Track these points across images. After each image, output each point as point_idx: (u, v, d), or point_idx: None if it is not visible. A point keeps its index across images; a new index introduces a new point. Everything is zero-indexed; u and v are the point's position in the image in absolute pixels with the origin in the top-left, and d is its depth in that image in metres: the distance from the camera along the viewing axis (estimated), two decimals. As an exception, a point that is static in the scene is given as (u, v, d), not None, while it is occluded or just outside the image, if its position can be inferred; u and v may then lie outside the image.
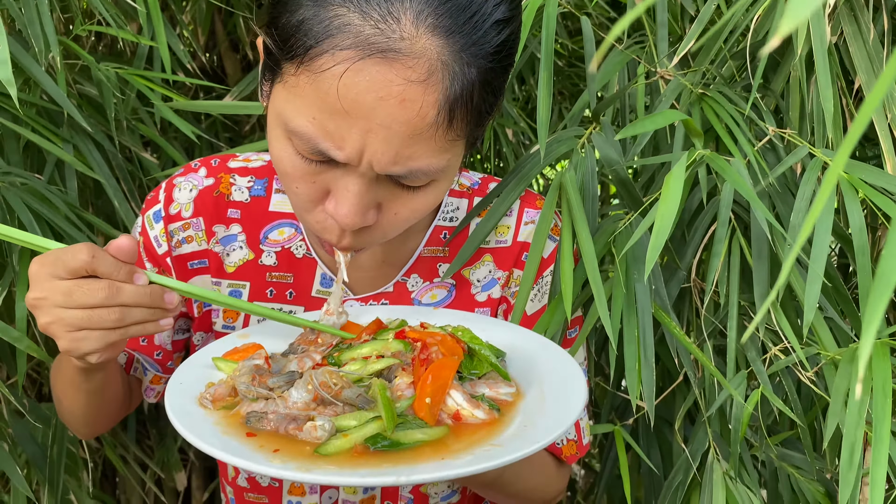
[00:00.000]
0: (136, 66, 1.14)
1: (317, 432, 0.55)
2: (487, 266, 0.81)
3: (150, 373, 0.85)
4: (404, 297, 0.80)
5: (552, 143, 0.83)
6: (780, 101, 0.93)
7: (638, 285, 0.77)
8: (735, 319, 0.82)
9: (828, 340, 0.82)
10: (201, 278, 0.81)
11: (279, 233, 0.80)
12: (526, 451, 0.52)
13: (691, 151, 0.72)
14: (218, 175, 0.81)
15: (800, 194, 0.76)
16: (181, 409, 0.59)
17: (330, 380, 0.59)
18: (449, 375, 0.60)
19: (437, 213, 0.82)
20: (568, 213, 0.77)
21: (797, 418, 0.82)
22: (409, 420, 0.57)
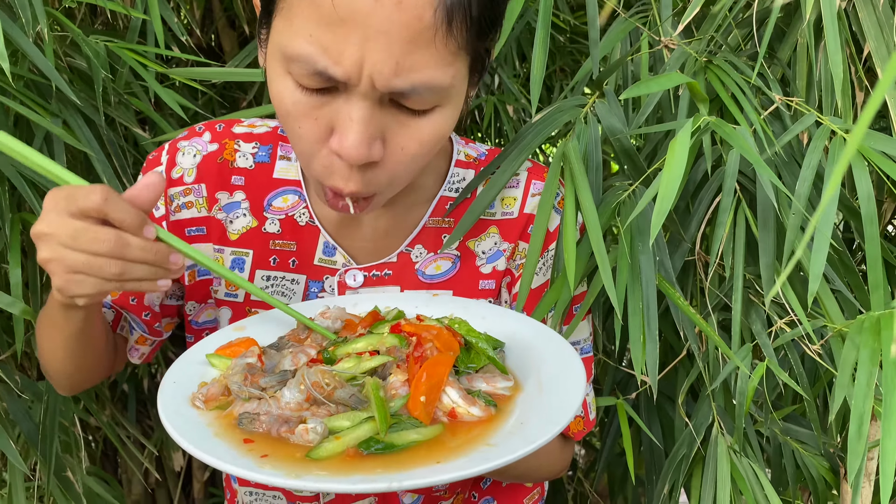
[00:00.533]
0: (129, 40, 1.12)
1: (308, 435, 0.55)
2: (493, 238, 0.80)
3: (136, 332, 0.84)
4: (408, 267, 0.79)
5: (554, 113, 0.81)
6: (786, 70, 0.91)
7: (642, 256, 0.75)
8: (740, 292, 0.80)
9: (834, 313, 0.80)
10: (197, 247, 0.80)
11: (283, 200, 0.80)
12: (521, 451, 0.52)
13: (696, 117, 0.71)
14: (222, 141, 0.80)
15: (806, 163, 0.74)
16: (174, 411, 0.58)
17: (322, 379, 0.59)
18: (444, 372, 0.59)
19: (443, 184, 0.81)
20: (571, 184, 0.75)
21: (803, 392, 0.80)
22: (403, 420, 0.56)
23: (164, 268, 0.63)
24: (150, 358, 0.87)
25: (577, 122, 0.80)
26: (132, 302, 0.82)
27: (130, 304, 0.82)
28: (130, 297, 0.82)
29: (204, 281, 0.81)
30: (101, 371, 0.82)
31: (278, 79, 0.62)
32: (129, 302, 0.82)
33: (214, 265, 0.66)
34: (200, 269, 0.81)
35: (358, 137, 0.60)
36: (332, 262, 0.79)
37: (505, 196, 0.81)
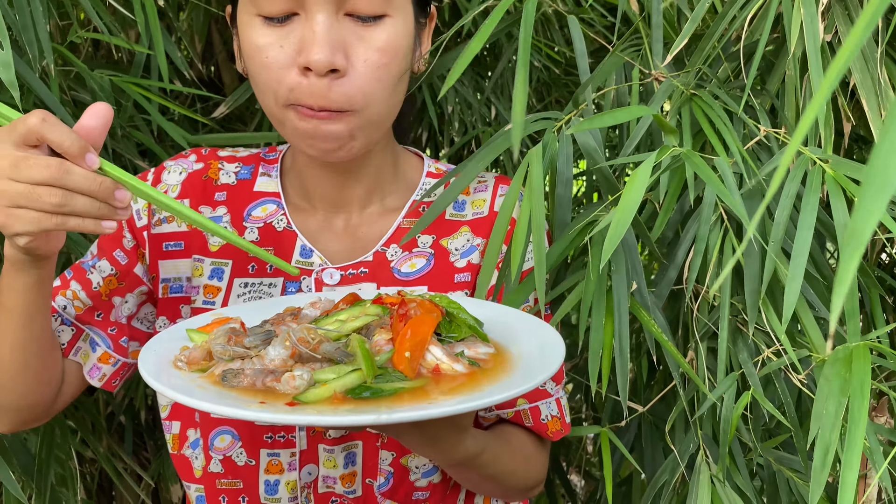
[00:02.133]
0: (134, 74, 1.15)
1: (295, 381, 0.55)
2: (465, 236, 0.84)
3: (100, 349, 0.81)
4: (384, 266, 0.82)
5: (526, 124, 0.83)
6: (775, 101, 0.93)
7: (615, 276, 0.76)
8: (727, 320, 0.81)
9: (819, 342, 0.80)
10: (173, 262, 0.82)
11: (262, 209, 0.84)
12: (508, 393, 0.52)
13: (664, 148, 0.72)
14: (208, 161, 0.85)
15: (784, 191, 0.75)
16: (155, 370, 0.57)
17: (308, 335, 0.59)
18: (428, 331, 0.60)
19: (416, 191, 0.86)
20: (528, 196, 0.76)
21: (787, 422, 0.80)
22: (389, 372, 0.57)
23: (109, 204, 0.60)
24: (111, 382, 0.83)
25: (548, 132, 0.82)
26: (97, 317, 0.82)
27: (95, 319, 0.81)
28: (96, 313, 0.81)
29: (176, 298, 0.82)
30: (43, 394, 0.77)
31: (246, 27, 0.72)
32: (93, 318, 0.81)
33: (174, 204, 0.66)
34: (173, 285, 0.82)
35: (321, 44, 0.68)
36: (308, 264, 0.81)
37: (475, 199, 0.86)
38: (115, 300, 0.82)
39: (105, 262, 0.82)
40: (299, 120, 0.72)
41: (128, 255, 0.82)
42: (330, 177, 0.82)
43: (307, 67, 0.69)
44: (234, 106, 1.20)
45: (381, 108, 0.74)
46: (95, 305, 0.82)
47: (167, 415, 0.84)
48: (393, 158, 0.86)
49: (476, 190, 0.87)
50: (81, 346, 0.81)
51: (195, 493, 0.83)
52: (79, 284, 0.81)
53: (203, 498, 0.82)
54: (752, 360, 0.83)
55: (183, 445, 0.83)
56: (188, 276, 0.82)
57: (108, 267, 0.82)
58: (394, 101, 0.76)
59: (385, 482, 0.80)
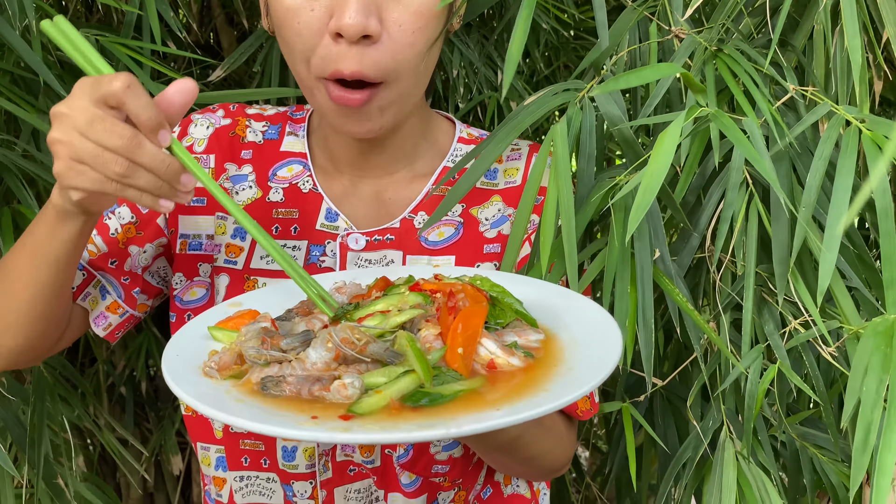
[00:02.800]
0: (125, 35, 1.09)
1: (347, 391, 0.50)
2: (496, 205, 0.81)
3: (110, 298, 0.80)
4: (410, 233, 0.79)
5: (547, 96, 0.78)
6: (801, 58, 0.87)
7: (637, 244, 0.72)
8: (752, 290, 0.77)
9: (851, 312, 0.76)
10: (194, 218, 0.80)
11: (288, 170, 0.81)
12: (577, 393, 0.48)
13: (692, 108, 0.67)
14: (235, 118, 0.83)
15: (818, 153, 0.70)
16: (186, 381, 0.52)
17: (352, 335, 0.54)
18: (479, 323, 0.56)
19: (447, 156, 0.83)
20: (555, 167, 0.71)
21: (818, 397, 0.76)
22: (442, 372, 0.53)
23: (171, 185, 0.59)
24: (114, 333, 0.81)
25: (571, 105, 0.77)
26: (111, 265, 0.79)
27: (109, 266, 0.79)
28: (110, 260, 0.79)
29: (195, 255, 0.80)
30: (49, 337, 0.76)
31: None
32: (107, 264, 0.79)
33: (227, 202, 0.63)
34: (192, 242, 0.80)
35: (355, 7, 0.64)
36: (333, 228, 0.79)
37: (508, 168, 0.83)
38: (132, 249, 0.80)
39: (125, 209, 0.80)
40: (329, 100, 0.70)
41: None
42: (356, 144, 0.79)
43: (339, 34, 0.65)
44: (232, 69, 1.15)
45: (413, 77, 0.71)
46: (111, 252, 0.79)
47: None
48: (423, 123, 0.83)
49: (509, 158, 0.83)
50: (91, 291, 0.80)
51: (214, 455, 0.81)
52: (95, 229, 0.78)
53: (224, 459, 0.80)
54: (779, 331, 0.79)
55: None
56: (209, 233, 0.80)
57: (129, 214, 0.80)
58: (426, 68, 0.73)
59: (405, 454, 0.78)
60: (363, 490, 0.78)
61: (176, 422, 1.41)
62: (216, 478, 0.81)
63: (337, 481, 0.78)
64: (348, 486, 0.78)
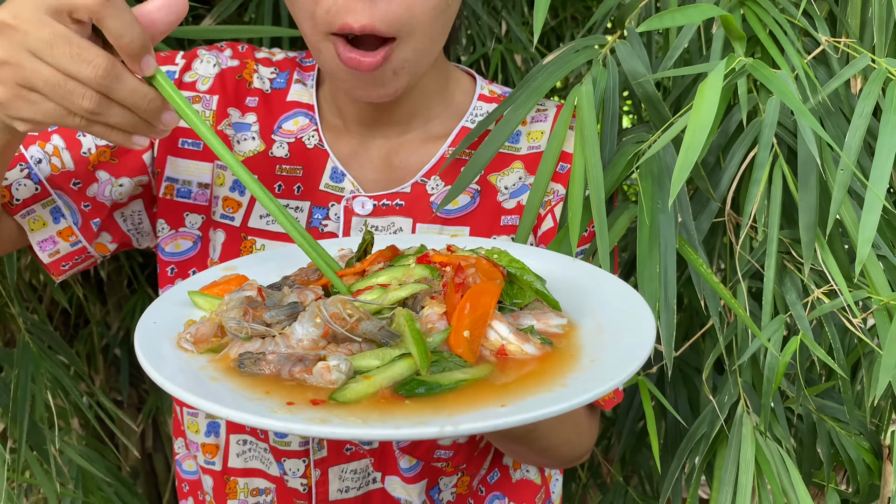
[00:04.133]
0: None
1: (331, 374, 0.44)
2: (517, 172, 0.74)
3: (64, 222, 0.70)
4: (422, 199, 0.72)
5: (568, 53, 0.72)
6: (834, 7, 0.81)
7: (662, 216, 0.67)
8: (774, 258, 0.72)
9: (881, 283, 0.72)
10: (185, 163, 0.73)
11: (294, 122, 0.75)
12: (599, 389, 0.42)
13: (731, 57, 0.61)
14: (244, 60, 0.77)
15: (858, 110, 0.65)
16: (156, 354, 0.47)
17: (343, 310, 0.48)
18: (490, 303, 0.49)
19: (465, 116, 0.76)
20: (581, 136, 0.66)
21: (841, 370, 0.72)
22: (444, 358, 0.47)
23: (149, 122, 0.51)
24: (60, 266, 0.72)
25: (595, 64, 0.71)
26: (73, 185, 0.70)
27: (70, 187, 0.70)
28: (73, 180, 0.70)
29: (182, 203, 0.74)
30: None
31: None
32: (68, 185, 0.70)
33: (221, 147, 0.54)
34: (181, 188, 0.74)
35: None
36: (339, 189, 0.73)
37: (531, 130, 0.75)
38: (100, 175, 0.71)
39: None
40: (337, 60, 0.62)
41: None
42: (366, 103, 0.72)
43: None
44: (223, 17, 1.08)
45: (429, 32, 0.63)
46: (77, 172, 0.70)
47: None
48: (441, 79, 0.75)
49: (533, 120, 0.76)
50: (37, 210, 0.69)
51: (205, 420, 0.76)
52: (63, 142, 0.70)
53: (218, 423, 0.75)
54: (801, 301, 0.74)
55: None
56: (203, 181, 0.74)
57: None
58: (445, 20, 0.65)
59: None
60: (360, 471, 0.75)
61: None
62: (206, 444, 0.77)
63: (332, 461, 0.74)
64: (344, 466, 0.74)
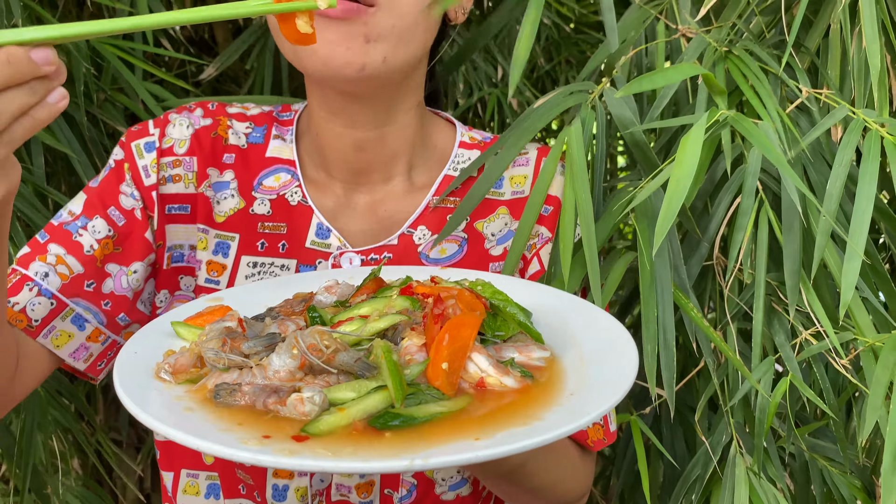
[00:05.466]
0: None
1: (304, 406, 0.45)
2: (503, 219, 0.76)
3: (90, 326, 0.70)
4: (410, 250, 0.73)
5: (558, 98, 0.75)
6: (815, 59, 0.85)
7: (657, 260, 0.69)
8: (762, 300, 0.74)
9: (865, 324, 0.74)
10: (176, 227, 0.73)
11: (275, 178, 0.75)
12: (575, 424, 0.42)
13: (713, 111, 0.65)
14: (216, 117, 0.76)
15: (837, 159, 0.68)
16: (134, 384, 0.48)
17: (321, 341, 0.48)
18: (470, 335, 0.50)
19: (447, 163, 0.77)
20: (571, 178, 0.69)
21: (830, 411, 0.74)
22: (421, 390, 0.47)
23: (37, 75, 0.45)
24: (96, 366, 0.72)
25: (584, 107, 0.74)
26: (88, 287, 0.69)
27: (85, 290, 0.69)
28: (86, 282, 0.69)
29: (177, 268, 0.74)
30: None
31: None
32: (82, 288, 0.69)
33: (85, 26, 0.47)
34: (175, 253, 0.74)
35: None
36: (325, 246, 0.73)
37: (514, 175, 0.77)
38: (111, 268, 0.71)
39: (100, 222, 0.70)
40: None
41: (127, 215, 0.72)
42: (351, 136, 0.73)
43: None
44: (224, 67, 1.12)
45: (410, 15, 0.62)
46: (87, 273, 0.69)
47: None
48: (421, 122, 0.76)
49: (516, 164, 0.77)
50: (58, 325, 0.68)
51: (205, 482, 0.74)
52: (62, 248, 0.69)
53: (218, 486, 0.74)
54: (789, 342, 0.77)
55: None
56: (192, 243, 0.74)
57: (104, 227, 0.70)
58: (424, 22, 0.64)
59: (407, 494, 0.72)
60: None
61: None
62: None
63: None
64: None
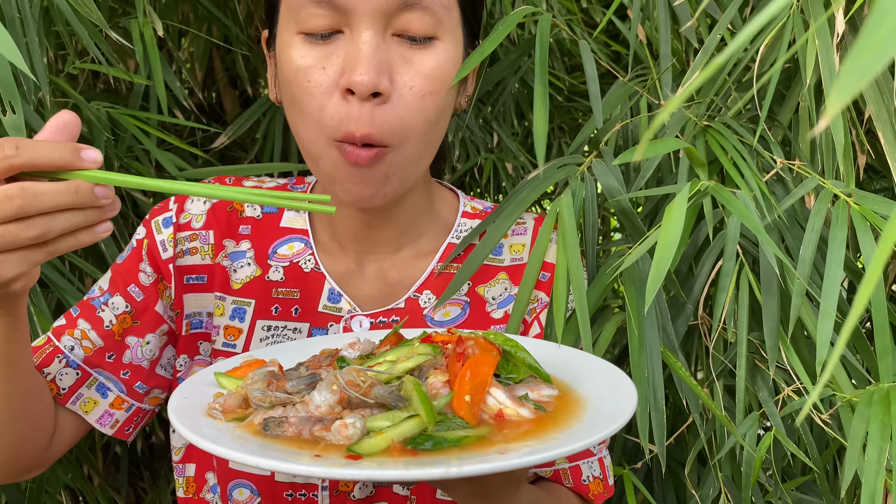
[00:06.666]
0: (133, 104, 1.13)
1: (348, 430, 0.49)
2: (503, 283, 0.80)
3: (112, 394, 0.76)
4: (416, 313, 0.78)
5: (551, 170, 0.81)
6: (787, 133, 0.91)
7: (646, 322, 0.74)
8: (744, 358, 0.78)
9: (842, 380, 0.78)
10: (194, 296, 0.78)
11: (289, 247, 0.79)
12: (587, 440, 0.47)
13: (694, 182, 0.70)
14: None
15: (809, 226, 0.73)
16: (190, 421, 0.52)
17: (357, 377, 0.54)
18: (489, 372, 0.55)
19: (451, 231, 0.82)
20: (563, 245, 0.74)
21: (812, 464, 0.78)
22: (448, 418, 0.52)
23: (93, 207, 0.52)
24: (124, 430, 0.77)
25: (573, 180, 0.80)
26: (108, 359, 0.76)
27: (106, 361, 0.76)
28: (107, 354, 0.75)
29: (196, 334, 0.78)
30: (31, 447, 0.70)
31: (287, 47, 0.68)
32: (104, 360, 0.75)
33: (152, 182, 0.56)
34: (194, 321, 0.78)
35: (366, 65, 0.64)
36: (336, 310, 0.77)
37: (513, 243, 0.82)
38: (129, 340, 0.77)
39: (119, 299, 0.76)
40: (340, 161, 0.68)
41: (145, 291, 0.77)
42: (361, 217, 0.78)
43: (349, 90, 0.65)
44: (235, 136, 1.18)
45: (419, 143, 0.70)
46: (107, 346, 0.75)
47: (181, 458, 0.79)
48: (428, 197, 0.82)
49: (514, 233, 0.82)
50: (84, 393, 0.75)
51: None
52: (88, 323, 0.75)
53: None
54: (773, 398, 0.81)
55: (202, 489, 0.78)
56: (209, 311, 0.78)
57: (123, 304, 0.76)
58: (433, 138, 0.72)
59: None
60: None
61: (171, 481, 1.40)
62: None
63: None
64: None
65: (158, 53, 1.02)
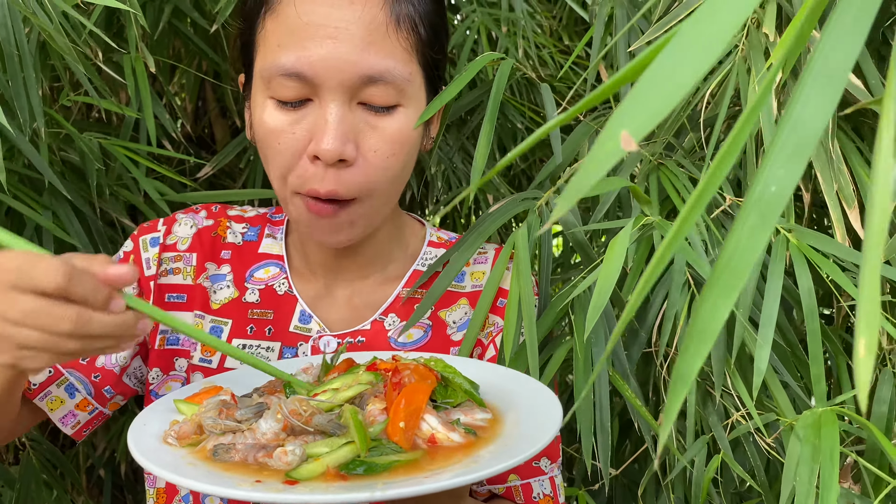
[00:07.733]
0: (124, 135, 1.18)
1: (287, 457, 0.54)
2: (463, 308, 0.85)
3: (79, 395, 0.80)
4: (381, 335, 0.83)
5: (510, 204, 0.86)
6: (738, 171, 0.96)
7: (595, 348, 0.78)
8: (693, 384, 0.83)
9: (785, 405, 0.82)
10: (173, 314, 0.82)
11: (265, 271, 0.85)
12: (505, 464, 0.52)
13: (638, 217, 0.75)
14: (217, 219, 0.87)
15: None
16: (145, 447, 0.58)
17: (300, 407, 0.59)
18: (423, 399, 0.60)
19: (417, 259, 0.87)
20: (517, 270, 0.79)
21: (758, 486, 0.82)
22: (383, 444, 0.57)
23: (129, 335, 0.59)
24: (82, 431, 0.82)
25: (530, 213, 0.85)
26: (82, 360, 0.79)
27: (80, 362, 0.79)
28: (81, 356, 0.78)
29: (171, 350, 0.82)
30: None
31: (259, 108, 0.73)
32: (77, 361, 0.79)
33: (191, 329, 0.64)
34: (170, 337, 0.82)
35: (333, 134, 0.69)
36: (306, 330, 0.82)
37: (474, 271, 0.87)
38: None
39: None
40: (304, 210, 0.73)
41: None
42: (331, 249, 0.83)
43: (317, 157, 0.70)
44: (221, 165, 1.23)
45: (384, 195, 0.75)
46: None
47: None
48: (396, 228, 0.87)
49: (476, 261, 0.87)
50: (53, 391, 0.78)
51: None
52: None
53: None
54: (722, 423, 0.85)
55: (172, 499, 0.81)
56: None
57: None
58: (399, 186, 0.77)
59: None
60: None
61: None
62: None
63: None
64: None
65: (149, 87, 1.08)
